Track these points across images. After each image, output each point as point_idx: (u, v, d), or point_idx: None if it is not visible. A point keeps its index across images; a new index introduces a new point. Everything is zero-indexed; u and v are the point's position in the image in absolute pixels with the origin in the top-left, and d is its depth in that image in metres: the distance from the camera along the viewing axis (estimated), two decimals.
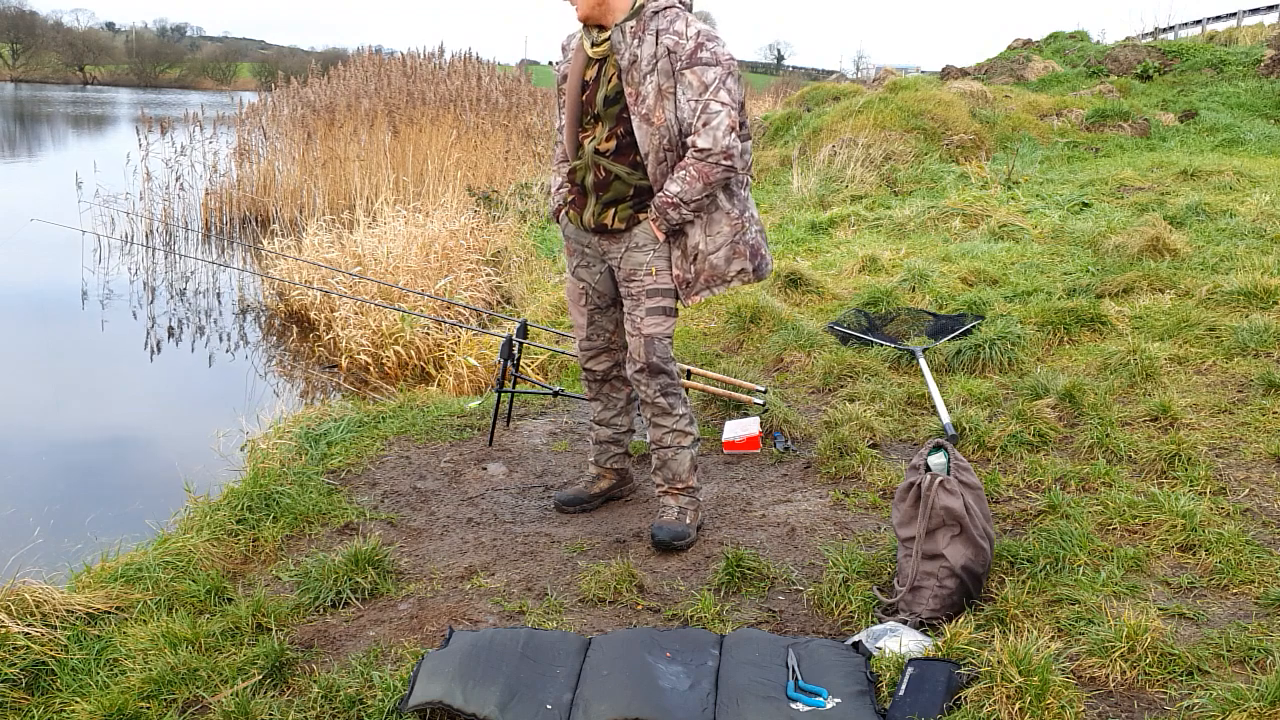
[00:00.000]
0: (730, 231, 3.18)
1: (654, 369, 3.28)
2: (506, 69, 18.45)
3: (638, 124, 3.07)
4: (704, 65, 3.00)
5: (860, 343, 5.31)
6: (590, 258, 3.38)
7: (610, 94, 3.11)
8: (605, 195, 3.19)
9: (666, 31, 3.03)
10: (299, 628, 2.80)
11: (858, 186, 10.62)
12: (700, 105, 3.01)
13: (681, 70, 3.01)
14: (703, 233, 3.17)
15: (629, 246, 3.23)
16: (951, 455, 2.78)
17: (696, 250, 3.18)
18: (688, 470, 3.38)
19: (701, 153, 3.02)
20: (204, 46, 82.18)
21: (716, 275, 3.21)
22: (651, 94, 3.04)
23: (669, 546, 3.29)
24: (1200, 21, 21.80)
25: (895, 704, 2.26)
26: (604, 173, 3.17)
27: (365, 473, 4.02)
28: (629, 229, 3.21)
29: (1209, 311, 5.02)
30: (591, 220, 3.24)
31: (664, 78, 3.03)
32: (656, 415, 3.35)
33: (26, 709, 2.42)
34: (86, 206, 11.43)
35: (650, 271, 3.22)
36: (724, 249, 3.18)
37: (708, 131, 3.00)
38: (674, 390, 3.34)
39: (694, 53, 3.00)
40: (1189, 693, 2.22)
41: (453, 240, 9.24)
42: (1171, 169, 9.83)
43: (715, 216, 3.17)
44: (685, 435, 3.36)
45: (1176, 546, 2.92)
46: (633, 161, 3.14)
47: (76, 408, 6.69)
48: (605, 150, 3.16)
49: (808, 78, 45.42)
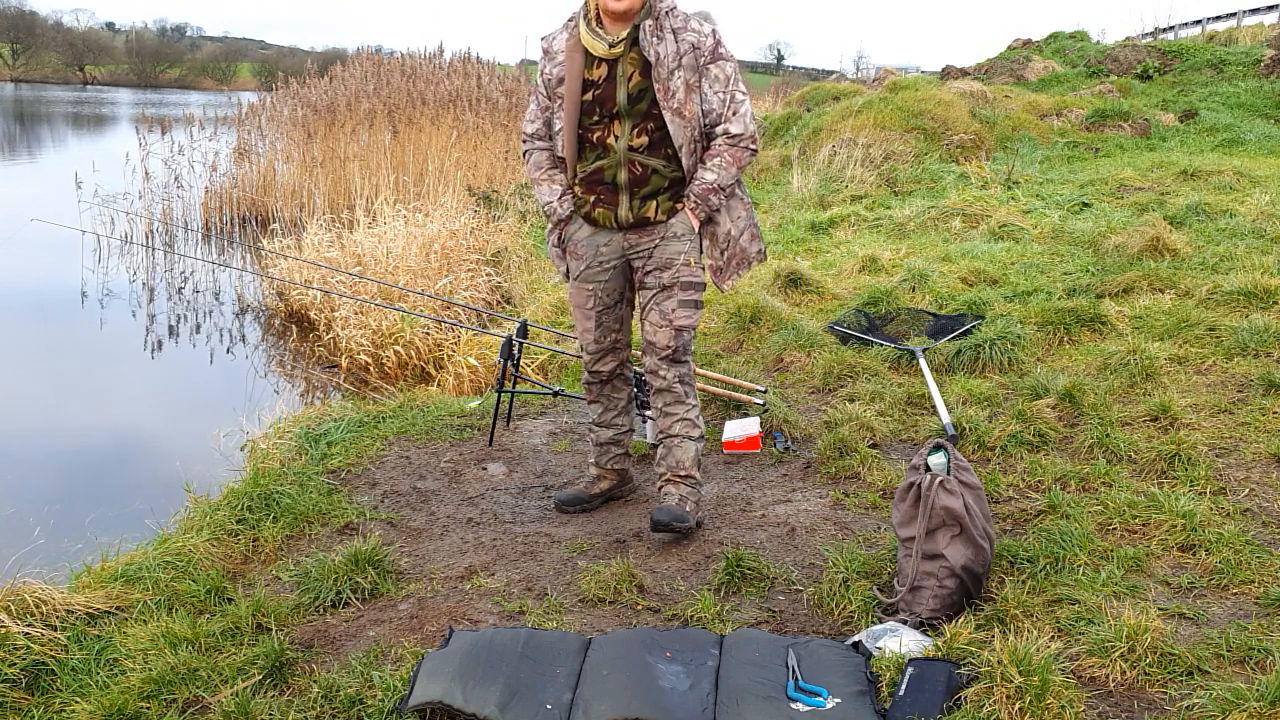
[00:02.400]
0: (746, 215, 3.37)
1: (678, 358, 3.36)
2: (506, 69, 18.45)
3: (670, 118, 3.17)
4: (723, 60, 3.22)
5: (860, 343, 5.31)
6: (605, 259, 3.37)
7: (634, 91, 3.18)
8: (643, 190, 3.26)
9: (684, 30, 3.19)
10: (299, 628, 2.80)
11: (858, 186, 10.62)
12: (728, 96, 3.21)
13: (706, 65, 3.19)
14: (729, 218, 3.33)
15: (665, 236, 3.30)
16: (951, 455, 2.78)
17: (729, 236, 3.34)
18: (691, 461, 3.42)
19: (735, 138, 3.22)
20: (204, 46, 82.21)
21: (745, 257, 3.38)
22: (681, 89, 3.17)
23: (668, 527, 3.28)
24: (1200, 21, 21.80)
25: (895, 704, 2.26)
26: (640, 168, 3.24)
27: (365, 473, 4.02)
28: (668, 219, 3.30)
29: (1209, 311, 5.02)
30: (630, 215, 3.28)
31: (690, 73, 3.17)
32: (669, 404, 3.40)
33: (26, 709, 2.42)
34: (86, 206, 11.43)
35: (688, 263, 3.32)
36: (746, 231, 3.36)
37: (738, 119, 3.21)
38: (690, 381, 3.43)
39: (715, 49, 3.20)
40: (1189, 693, 2.22)
41: (452, 240, 9.23)
42: (1171, 169, 9.83)
43: (732, 203, 3.34)
44: (694, 427, 3.43)
45: (1176, 546, 2.92)
46: (665, 154, 3.24)
47: (77, 408, 6.68)
48: (638, 146, 3.22)
49: (808, 78, 45.40)
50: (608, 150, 3.23)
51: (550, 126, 3.36)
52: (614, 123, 3.21)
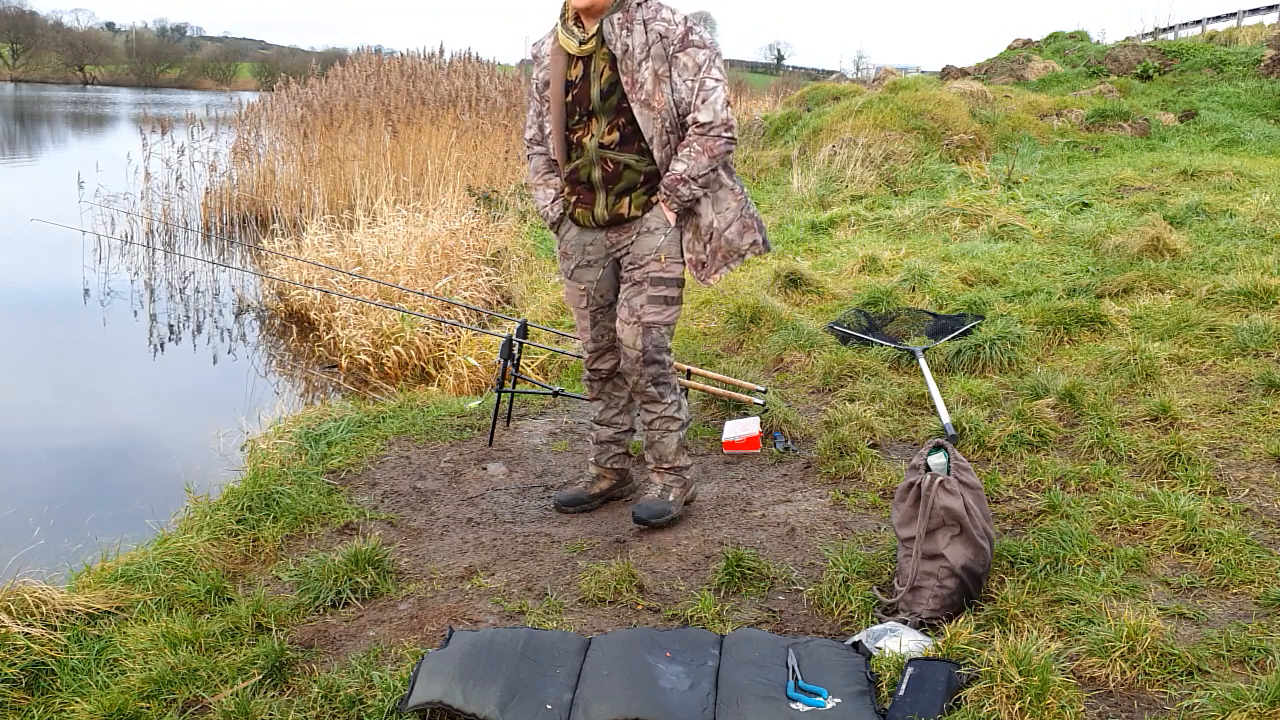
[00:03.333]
0: (737, 206, 3.30)
1: (647, 358, 3.34)
2: (506, 69, 18.46)
3: (639, 110, 3.13)
4: (695, 47, 3.13)
5: (860, 343, 5.31)
6: (592, 257, 3.39)
7: (605, 87, 3.16)
8: (616, 186, 3.23)
9: (655, 19, 3.13)
10: (299, 628, 2.80)
11: (858, 186, 10.62)
12: (697, 84, 3.13)
13: (675, 54, 3.12)
14: (713, 210, 3.27)
15: (641, 231, 3.28)
16: (951, 455, 2.78)
17: (711, 229, 3.28)
18: (674, 451, 3.47)
19: (704, 127, 3.13)
20: (204, 46, 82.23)
21: (732, 250, 3.31)
22: (649, 79, 3.12)
23: (644, 523, 3.41)
24: (1200, 21, 21.80)
25: (895, 704, 2.26)
26: (611, 165, 3.21)
27: (365, 473, 4.02)
28: (644, 214, 3.26)
29: (1209, 311, 5.02)
30: (605, 213, 3.27)
31: (659, 63, 3.12)
32: (646, 403, 3.46)
33: (26, 709, 2.42)
34: (87, 206, 11.42)
35: (659, 259, 3.28)
36: (735, 223, 3.29)
37: (707, 106, 3.12)
38: (665, 379, 3.42)
39: (685, 36, 3.13)
40: (1189, 693, 2.22)
41: (453, 240, 9.23)
42: (1171, 169, 9.83)
43: (721, 194, 3.28)
44: (673, 421, 3.46)
45: (1176, 546, 2.92)
46: (639, 149, 3.20)
47: (77, 408, 6.68)
48: (609, 143, 3.20)
49: (808, 78, 45.41)
50: (583, 149, 3.24)
51: (544, 130, 3.38)
52: (591, 121, 3.21)
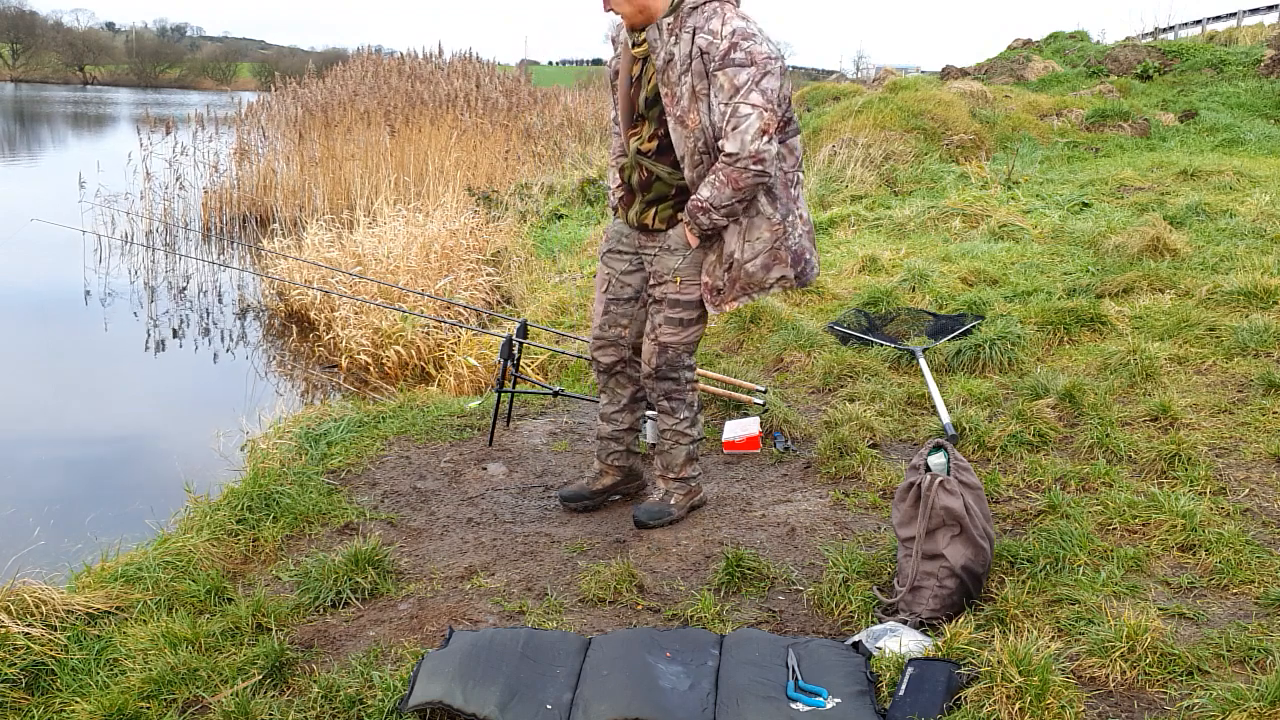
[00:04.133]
0: (771, 237, 3.10)
1: (660, 374, 3.34)
2: (506, 69, 18.46)
3: (673, 126, 3.02)
4: (737, 66, 2.90)
5: (860, 343, 5.31)
6: (625, 249, 3.38)
7: (650, 95, 3.09)
8: (648, 195, 3.20)
9: (702, 30, 2.94)
10: (299, 628, 2.80)
11: (858, 186, 10.62)
12: (730, 109, 2.91)
13: (714, 72, 2.92)
14: (740, 239, 3.09)
15: (663, 247, 3.23)
16: (951, 455, 2.78)
17: (731, 258, 3.11)
18: (681, 463, 3.49)
19: (730, 158, 2.94)
20: (204, 46, 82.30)
21: (753, 283, 3.14)
22: (686, 95, 2.97)
23: (643, 525, 3.42)
24: (1200, 21, 21.80)
25: (895, 704, 2.26)
26: (646, 173, 3.17)
27: (365, 473, 4.02)
28: (667, 229, 3.22)
29: (1209, 311, 5.02)
30: (634, 219, 3.27)
31: (698, 79, 2.95)
32: (659, 415, 3.49)
33: (26, 709, 2.42)
34: (87, 206, 11.42)
35: (675, 280, 3.21)
36: (762, 256, 3.11)
37: (735, 135, 2.91)
38: (678, 395, 3.40)
39: (727, 53, 2.90)
40: (1189, 693, 2.22)
41: (453, 240, 9.24)
42: (1171, 169, 9.83)
43: (755, 222, 3.08)
44: (684, 436, 3.47)
45: (1176, 546, 2.92)
46: (673, 162, 3.11)
47: (77, 408, 6.68)
48: (647, 151, 3.16)
49: (808, 78, 45.33)
50: (629, 151, 3.22)
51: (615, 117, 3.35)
52: (642, 124, 3.14)
